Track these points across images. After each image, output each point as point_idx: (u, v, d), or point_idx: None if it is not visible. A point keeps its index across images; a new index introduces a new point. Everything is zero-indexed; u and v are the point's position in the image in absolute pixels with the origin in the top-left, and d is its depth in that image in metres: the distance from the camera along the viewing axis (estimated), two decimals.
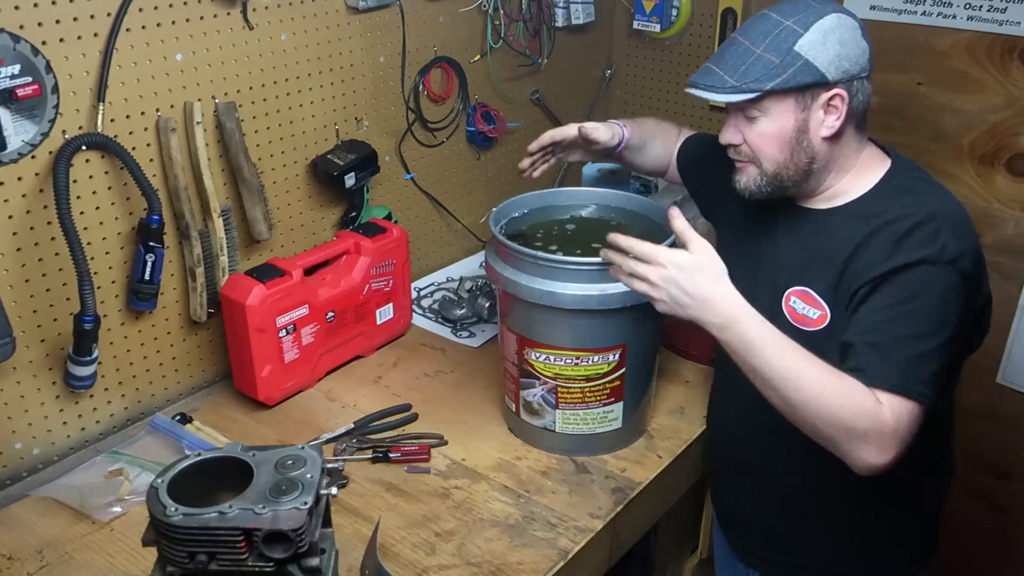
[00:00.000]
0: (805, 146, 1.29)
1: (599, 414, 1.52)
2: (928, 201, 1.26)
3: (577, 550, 1.35)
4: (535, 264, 1.42)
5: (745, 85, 1.26)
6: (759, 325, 1.19)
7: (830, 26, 1.24)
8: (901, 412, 1.16)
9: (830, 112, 1.26)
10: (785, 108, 1.27)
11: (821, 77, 1.24)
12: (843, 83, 1.25)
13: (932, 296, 1.19)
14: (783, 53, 1.24)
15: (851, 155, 1.33)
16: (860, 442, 1.15)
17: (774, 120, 1.28)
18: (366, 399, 1.71)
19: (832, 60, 1.24)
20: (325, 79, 1.81)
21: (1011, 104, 1.89)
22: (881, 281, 1.22)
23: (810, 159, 1.30)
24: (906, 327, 1.19)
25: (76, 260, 1.42)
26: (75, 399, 1.57)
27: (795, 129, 1.28)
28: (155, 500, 1.04)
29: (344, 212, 1.93)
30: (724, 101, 1.28)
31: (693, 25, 2.36)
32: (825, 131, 1.27)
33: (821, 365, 1.18)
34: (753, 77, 1.25)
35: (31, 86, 1.36)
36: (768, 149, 1.30)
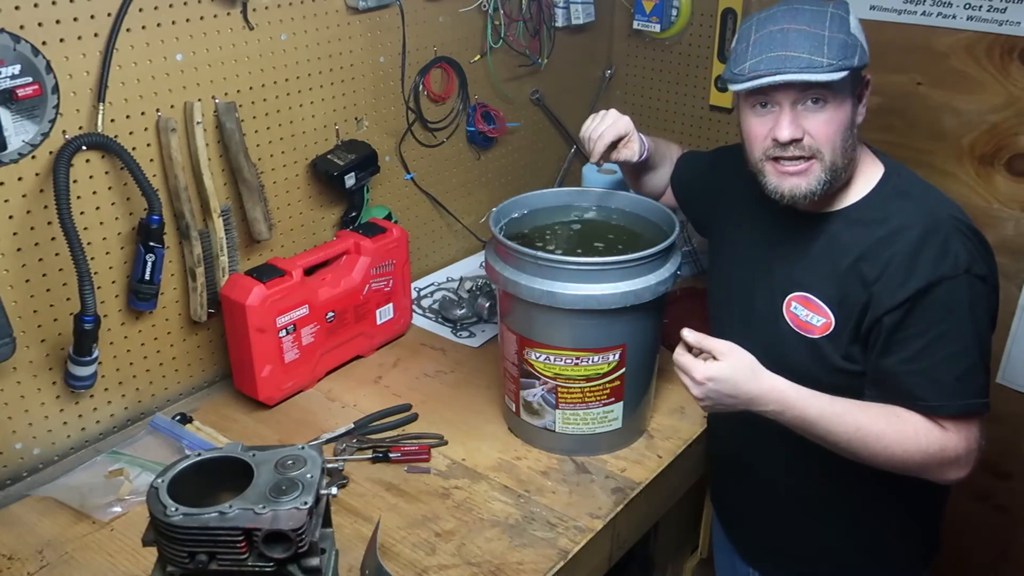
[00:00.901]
0: (854, 131, 1.29)
1: (599, 414, 1.52)
2: (927, 207, 1.26)
3: (577, 550, 1.35)
4: (535, 264, 1.42)
5: (840, 63, 1.20)
6: (809, 401, 1.23)
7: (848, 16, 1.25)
8: (969, 431, 1.22)
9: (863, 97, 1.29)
10: (846, 92, 1.25)
11: (866, 59, 1.25)
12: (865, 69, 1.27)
13: (961, 310, 1.21)
14: (847, 34, 1.23)
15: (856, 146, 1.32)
16: (939, 470, 1.23)
17: (840, 106, 1.24)
18: (366, 399, 1.71)
19: (865, 45, 1.25)
20: (325, 79, 1.81)
21: (1011, 104, 1.89)
22: (907, 307, 1.22)
23: (854, 147, 1.29)
24: (947, 348, 1.21)
25: (76, 260, 1.42)
26: (75, 399, 1.57)
27: (850, 115, 1.27)
28: (155, 500, 1.04)
29: (344, 212, 1.93)
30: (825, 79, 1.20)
31: (693, 25, 2.36)
32: (860, 118, 1.29)
33: (878, 416, 1.23)
34: (843, 56, 1.21)
35: (31, 86, 1.36)
36: (834, 137, 1.25)
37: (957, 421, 1.22)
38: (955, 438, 1.22)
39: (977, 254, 1.23)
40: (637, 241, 1.56)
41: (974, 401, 1.22)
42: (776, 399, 1.24)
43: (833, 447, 1.24)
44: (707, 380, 1.23)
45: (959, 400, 1.21)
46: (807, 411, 1.23)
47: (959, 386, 1.21)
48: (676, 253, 1.50)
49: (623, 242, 1.57)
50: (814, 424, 1.23)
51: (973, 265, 1.21)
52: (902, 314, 1.23)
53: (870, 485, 1.32)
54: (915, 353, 1.22)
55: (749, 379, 1.24)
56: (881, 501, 1.38)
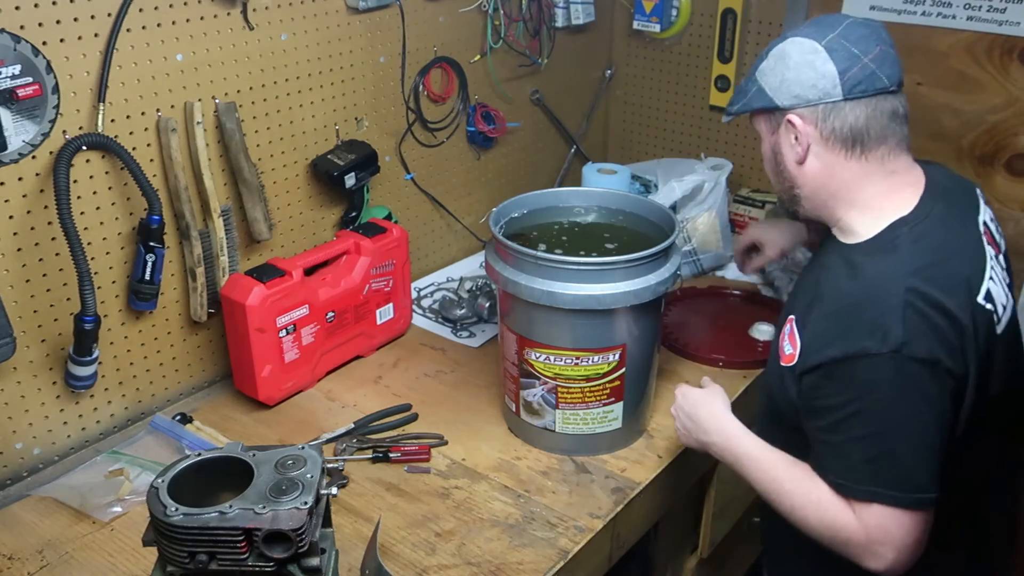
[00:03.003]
0: (783, 170, 1.29)
1: (599, 414, 1.52)
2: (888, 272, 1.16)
3: (577, 550, 1.35)
4: (535, 264, 1.42)
5: (729, 108, 1.34)
6: (745, 443, 1.30)
7: (783, 51, 1.23)
8: (876, 520, 1.12)
9: (797, 138, 1.24)
10: (762, 131, 1.30)
11: (769, 102, 1.24)
12: (799, 108, 1.22)
13: (880, 392, 1.11)
14: (748, 79, 1.29)
15: (851, 185, 1.24)
16: (847, 551, 1.16)
17: (762, 143, 1.32)
18: (366, 399, 1.71)
19: (779, 85, 1.23)
20: (325, 79, 1.81)
21: (1011, 104, 1.90)
22: (823, 374, 1.15)
23: (790, 183, 1.29)
24: (859, 428, 1.13)
25: (76, 260, 1.42)
26: (75, 399, 1.57)
27: (772, 152, 1.29)
28: (155, 500, 1.04)
29: (344, 212, 1.93)
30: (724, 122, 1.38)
31: (693, 25, 2.36)
32: (794, 156, 1.26)
33: (795, 476, 1.21)
34: (732, 102, 1.32)
35: (32, 86, 1.36)
36: (766, 168, 1.34)
37: (865, 507, 1.12)
38: (856, 524, 1.13)
39: (923, 334, 1.10)
40: (637, 241, 1.56)
41: (884, 491, 1.11)
42: (719, 431, 1.33)
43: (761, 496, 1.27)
44: (681, 396, 1.41)
45: (865, 485, 1.12)
46: (738, 450, 1.30)
47: (868, 469, 1.12)
48: (676, 253, 1.50)
49: (623, 242, 1.57)
50: (742, 465, 1.29)
51: (908, 346, 1.09)
52: (818, 379, 1.16)
53: None
54: (830, 424, 1.15)
55: (708, 409, 1.36)
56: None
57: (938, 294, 1.12)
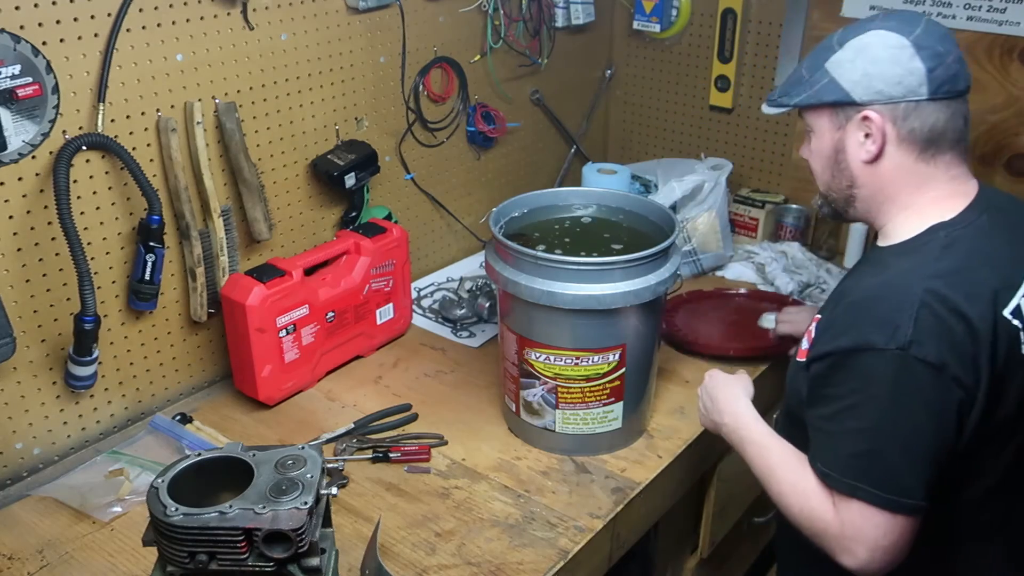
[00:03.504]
0: (843, 168, 1.24)
1: (599, 414, 1.52)
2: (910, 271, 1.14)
3: (577, 550, 1.35)
4: (535, 264, 1.42)
5: (778, 99, 1.28)
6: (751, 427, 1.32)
7: (865, 43, 1.18)
8: (853, 516, 1.11)
9: (869, 135, 1.20)
10: (823, 126, 1.24)
11: (845, 96, 1.19)
12: (878, 104, 1.17)
13: (880, 388, 1.10)
14: (814, 69, 1.23)
15: (909, 188, 1.21)
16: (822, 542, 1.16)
17: (817, 138, 1.26)
18: (366, 399, 1.71)
19: (860, 79, 1.18)
20: (325, 79, 1.81)
21: (1011, 104, 1.90)
22: (831, 363, 1.15)
23: (850, 183, 1.24)
24: (853, 421, 1.12)
25: (76, 260, 1.42)
26: (75, 399, 1.57)
27: (832, 148, 1.24)
28: (155, 500, 1.04)
29: (344, 212, 1.93)
30: (766, 112, 1.32)
31: (693, 25, 2.36)
32: (864, 154, 1.21)
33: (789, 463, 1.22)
34: (786, 92, 1.26)
35: (31, 86, 1.36)
36: (815, 166, 1.29)
37: (845, 501, 1.12)
38: (833, 516, 1.13)
39: (934, 336, 1.08)
40: (637, 241, 1.56)
41: (864, 487, 1.10)
42: (732, 412, 1.36)
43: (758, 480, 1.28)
44: (708, 377, 1.44)
45: (847, 479, 1.11)
46: (743, 432, 1.32)
47: (854, 464, 1.11)
48: (676, 253, 1.50)
49: (623, 242, 1.57)
50: (745, 448, 1.30)
51: (915, 345, 1.07)
52: (825, 368, 1.16)
53: None
54: (829, 413, 1.15)
55: (728, 391, 1.39)
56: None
57: (958, 299, 1.09)
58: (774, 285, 2.08)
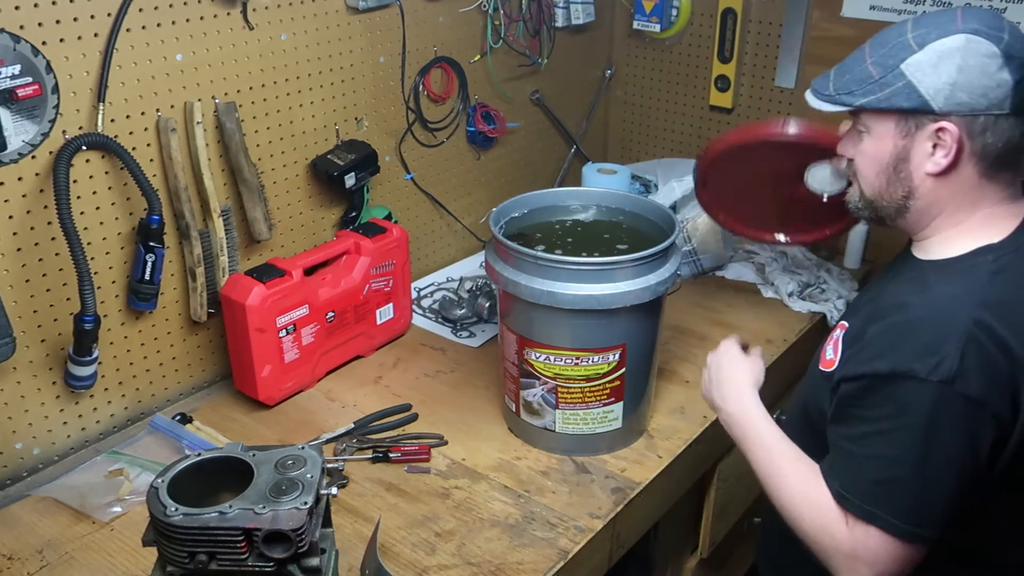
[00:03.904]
0: (903, 177, 1.15)
1: (599, 414, 1.52)
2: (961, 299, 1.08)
3: (577, 550, 1.35)
4: (535, 264, 1.42)
5: (838, 96, 1.17)
6: (756, 426, 1.27)
7: (951, 48, 1.07)
8: (866, 540, 1.08)
9: (940, 146, 1.11)
10: (885, 130, 1.14)
11: (923, 104, 1.09)
12: (957, 116, 1.09)
13: (917, 418, 1.05)
14: (887, 69, 1.12)
15: (965, 205, 1.15)
16: (825, 558, 1.13)
17: (874, 141, 1.16)
18: (366, 399, 1.71)
19: (942, 87, 1.08)
20: (325, 79, 1.81)
21: None
22: (864, 385, 1.11)
23: (906, 193, 1.16)
24: (882, 448, 1.08)
25: (76, 260, 1.42)
26: (75, 399, 1.57)
27: (893, 156, 1.15)
28: (155, 500, 1.04)
29: (344, 212, 1.93)
30: (816, 107, 1.20)
31: (693, 25, 2.36)
32: (931, 166, 1.12)
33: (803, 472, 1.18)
34: (848, 89, 1.16)
35: (31, 86, 1.36)
36: (865, 170, 1.20)
37: (861, 524, 1.09)
38: (847, 535, 1.10)
39: (979, 372, 1.03)
40: (637, 241, 1.56)
41: (884, 516, 1.07)
42: (737, 400, 1.31)
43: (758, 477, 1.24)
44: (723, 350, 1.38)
45: (868, 505, 1.08)
46: (747, 423, 1.28)
47: (874, 490, 1.08)
48: (676, 253, 1.50)
49: (623, 242, 1.57)
50: (748, 441, 1.26)
51: (960, 380, 1.03)
52: (858, 389, 1.11)
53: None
54: (856, 435, 1.11)
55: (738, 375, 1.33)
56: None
57: (1006, 333, 1.05)
58: (774, 285, 2.08)
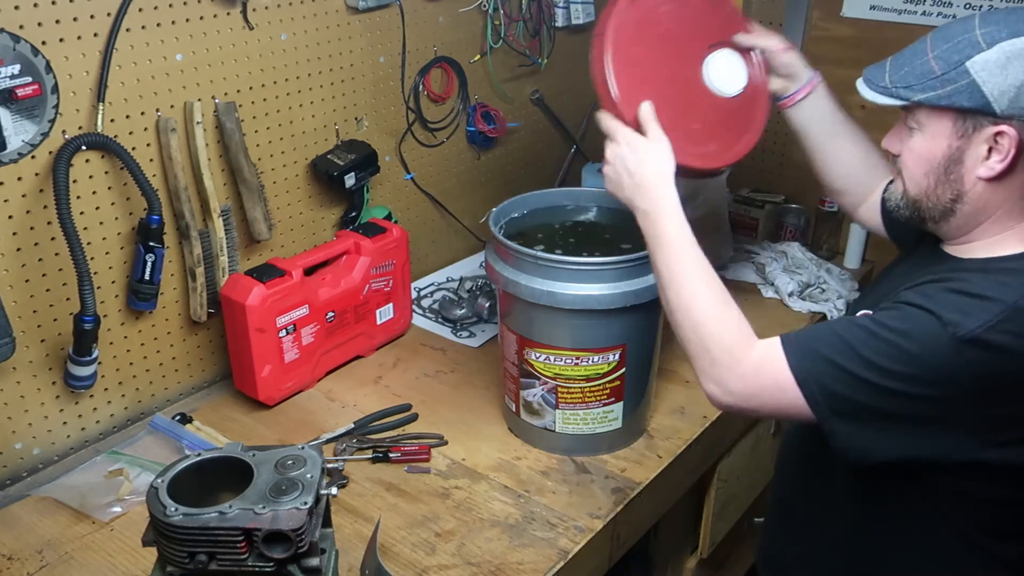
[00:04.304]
0: (954, 180, 1.12)
1: (599, 414, 1.52)
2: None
3: (577, 550, 1.35)
4: (535, 264, 1.42)
5: (895, 89, 1.12)
6: (677, 225, 1.21)
7: (1022, 49, 1.04)
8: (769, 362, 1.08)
9: (996, 150, 1.07)
10: (940, 129, 1.11)
11: (986, 105, 1.05)
12: (1018, 120, 1.05)
13: (911, 344, 1.03)
14: (950, 65, 1.07)
15: (1015, 212, 1.12)
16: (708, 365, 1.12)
17: (926, 139, 1.12)
18: (366, 399, 1.71)
19: (1007, 89, 1.04)
20: (325, 79, 1.81)
21: None
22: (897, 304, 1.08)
23: (955, 196, 1.13)
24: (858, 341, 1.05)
25: (76, 260, 1.42)
26: (75, 399, 1.57)
27: (946, 156, 1.11)
28: (155, 500, 1.04)
29: (344, 212, 1.93)
30: (870, 99, 1.15)
31: None
32: (984, 171, 1.09)
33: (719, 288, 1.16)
34: (907, 83, 1.11)
35: (31, 86, 1.36)
36: (913, 168, 1.16)
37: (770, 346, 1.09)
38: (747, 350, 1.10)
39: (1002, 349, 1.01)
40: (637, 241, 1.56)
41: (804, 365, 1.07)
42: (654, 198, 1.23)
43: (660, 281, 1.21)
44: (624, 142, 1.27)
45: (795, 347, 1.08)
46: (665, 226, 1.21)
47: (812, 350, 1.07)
48: None
49: (623, 242, 1.57)
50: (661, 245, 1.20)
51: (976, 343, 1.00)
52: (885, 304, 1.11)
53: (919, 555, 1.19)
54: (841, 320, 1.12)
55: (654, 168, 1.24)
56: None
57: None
58: (774, 285, 2.08)
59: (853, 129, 1.50)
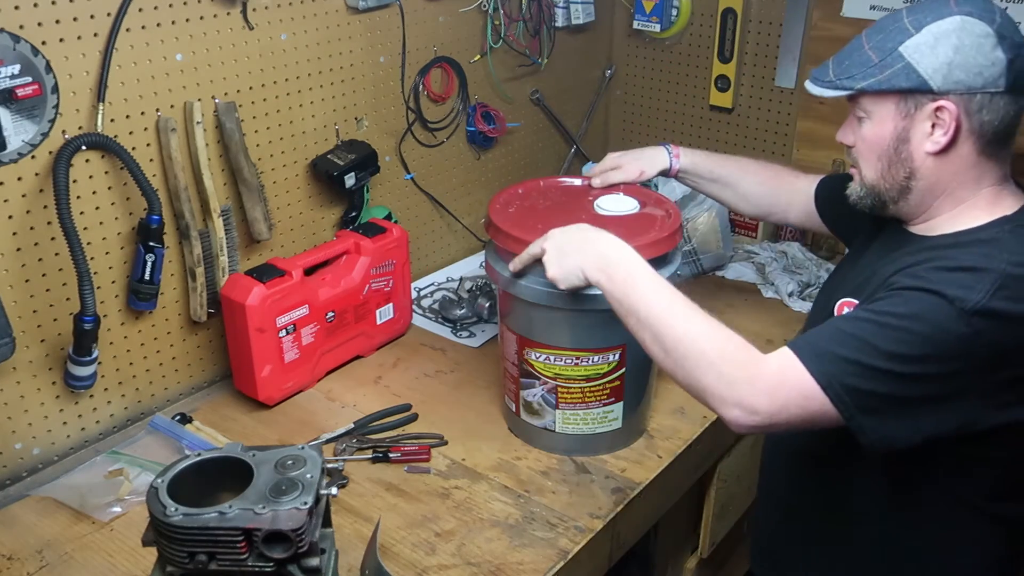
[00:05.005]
0: (904, 158, 1.18)
1: (599, 414, 1.52)
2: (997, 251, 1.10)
3: (577, 550, 1.35)
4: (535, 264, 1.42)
5: (839, 81, 1.20)
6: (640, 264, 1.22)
7: (947, 29, 1.12)
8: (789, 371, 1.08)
9: (938, 125, 1.14)
10: (885, 113, 1.18)
11: (922, 83, 1.13)
12: (954, 94, 1.12)
13: (922, 326, 1.05)
14: (885, 52, 1.16)
15: (967, 183, 1.18)
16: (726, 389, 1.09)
17: (875, 124, 1.20)
18: (366, 399, 1.71)
19: (940, 67, 1.11)
20: (325, 79, 1.81)
21: None
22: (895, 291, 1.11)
23: (908, 174, 1.19)
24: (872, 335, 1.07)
25: (76, 260, 1.42)
26: (75, 399, 1.57)
27: (894, 137, 1.18)
28: (155, 500, 1.04)
29: (344, 212, 1.93)
30: (817, 94, 1.22)
31: (693, 25, 2.36)
32: (931, 145, 1.16)
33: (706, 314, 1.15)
34: (849, 73, 1.19)
35: (31, 86, 1.36)
36: (867, 154, 1.22)
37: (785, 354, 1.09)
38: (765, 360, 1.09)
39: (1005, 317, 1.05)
40: None
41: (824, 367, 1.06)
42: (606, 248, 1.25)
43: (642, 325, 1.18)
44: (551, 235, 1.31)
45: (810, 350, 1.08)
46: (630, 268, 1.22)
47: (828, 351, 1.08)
48: (676, 253, 1.50)
49: None
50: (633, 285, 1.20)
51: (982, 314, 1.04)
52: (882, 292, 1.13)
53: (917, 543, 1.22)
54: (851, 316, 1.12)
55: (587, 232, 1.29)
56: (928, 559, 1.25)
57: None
58: (774, 285, 2.08)
59: (737, 163, 1.70)
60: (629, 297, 1.20)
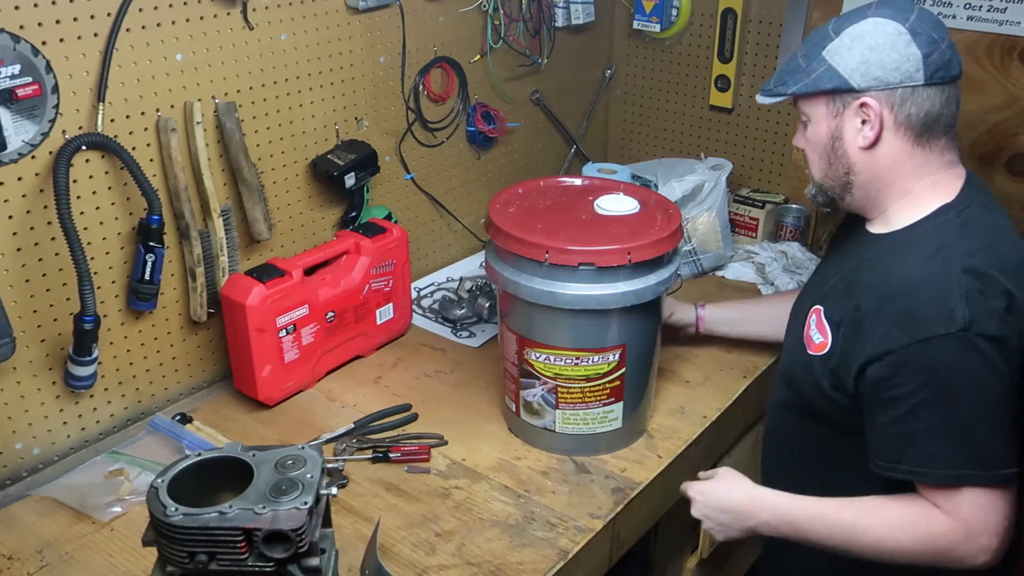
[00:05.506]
0: (841, 155, 1.27)
1: (599, 414, 1.52)
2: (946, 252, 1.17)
3: (577, 550, 1.35)
4: (535, 264, 1.42)
5: (775, 88, 1.30)
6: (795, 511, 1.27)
7: (862, 31, 1.21)
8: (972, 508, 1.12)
9: (866, 121, 1.23)
10: (819, 114, 1.27)
11: (843, 83, 1.22)
12: (875, 91, 1.21)
13: (951, 373, 1.11)
14: (811, 58, 1.25)
15: (906, 173, 1.25)
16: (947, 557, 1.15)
17: (814, 126, 1.29)
18: (366, 399, 1.71)
19: (858, 66, 1.21)
20: (325, 79, 1.81)
21: (1011, 104, 1.89)
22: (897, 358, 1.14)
23: (847, 169, 1.27)
24: (937, 412, 1.12)
25: (76, 260, 1.42)
26: (75, 399, 1.57)
27: (829, 136, 1.27)
28: (155, 500, 1.04)
29: (344, 212, 1.93)
30: (760, 103, 1.33)
31: (693, 25, 2.36)
32: (861, 140, 1.24)
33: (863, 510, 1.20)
34: (783, 81, 1.29)
35: (31, 86, 1.36)
36: (811, 156, 1.32)
37: (949, 495, 1.13)
38: (950, 521, 1.13)
39: (987, 312, 1.11)
40: None
41: (970, 472, 1.11)
42: (763, 509, 1.31)
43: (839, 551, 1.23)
44: (699, 495, 1.37)
45: (949, 469, 1.12)
46: (791, 517, 1.28)
47: (950, 453, 1.12)
48: (676, 253, 1.50)
49: None
50: (804, 530, 1.26)
51: (975, 324, 1.10)
52: (886, 369, 1.16)
53: None
54: (903, 414, 1.15)
55: (738, 493, 1.34)
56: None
57: (994, 272, 1.14)
58: (774, 285, 2.08)
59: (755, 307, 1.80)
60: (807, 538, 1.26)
